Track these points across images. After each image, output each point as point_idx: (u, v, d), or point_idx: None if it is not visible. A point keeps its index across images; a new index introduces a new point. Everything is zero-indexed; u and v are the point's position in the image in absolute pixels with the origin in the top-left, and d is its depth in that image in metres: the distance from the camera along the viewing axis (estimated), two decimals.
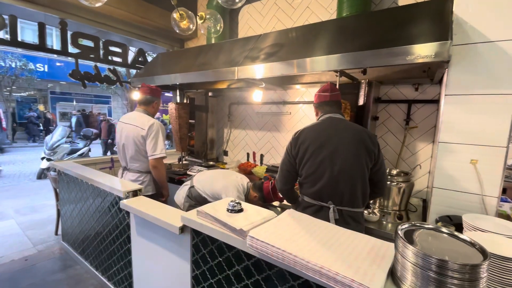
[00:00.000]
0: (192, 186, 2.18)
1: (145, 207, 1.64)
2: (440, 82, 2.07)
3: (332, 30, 1.96)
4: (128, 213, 1.80)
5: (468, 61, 1.43)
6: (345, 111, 2.03)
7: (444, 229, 0.88)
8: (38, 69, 12.46)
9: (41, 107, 13.59)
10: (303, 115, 2.86)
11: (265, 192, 2.06)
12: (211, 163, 3.28)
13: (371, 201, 1.97)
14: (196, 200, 2.14)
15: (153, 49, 3.98)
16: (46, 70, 12.91)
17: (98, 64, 3.21)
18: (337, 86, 2.02)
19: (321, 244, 0.98)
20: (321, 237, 1.03)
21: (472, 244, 0.80)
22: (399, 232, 0.86)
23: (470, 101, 1.43)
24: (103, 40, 3.23)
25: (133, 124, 2.21)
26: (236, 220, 1.19)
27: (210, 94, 3.44)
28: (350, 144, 1.46)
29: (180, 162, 3.45)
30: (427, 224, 0.91)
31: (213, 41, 3.10)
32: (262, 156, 3.22)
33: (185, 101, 3.53)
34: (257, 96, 2.70)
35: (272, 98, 3.06)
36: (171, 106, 3.07)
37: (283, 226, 1.13)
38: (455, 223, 1.46)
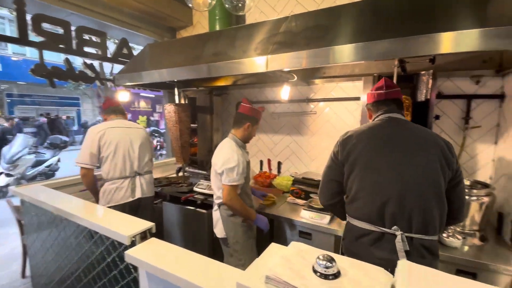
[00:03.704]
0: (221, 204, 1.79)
1: (166, 260, 1.10)
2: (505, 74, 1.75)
3: (392, 7, 1.53)
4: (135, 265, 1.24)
5: None
6: (408, 109, 1.63)
7: None
8: None
9: None
10: (332, 114, 2.43)
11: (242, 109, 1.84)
12: None
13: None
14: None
15: (135, 39, 3.29)
16: (0, 69, 11.28)
17: (70, 57, 2.54)
18: (395, 80, 1.62)
19: None
20: None
21: None
22: None
23: None
24: (75, 27, 2.55)
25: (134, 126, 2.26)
26: None
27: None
28: (421, 149, 1.16)
29: (179, 174, 2.88)
30: None
31: (217, 28, 2.56)
32: (279, 163, 2.76)
33: (182, 101, 2.95)
34: (284, 93, 2.20)
35: (292, 95, 2.59)
36: (169, 109, 2.48)
37: None
38: None
